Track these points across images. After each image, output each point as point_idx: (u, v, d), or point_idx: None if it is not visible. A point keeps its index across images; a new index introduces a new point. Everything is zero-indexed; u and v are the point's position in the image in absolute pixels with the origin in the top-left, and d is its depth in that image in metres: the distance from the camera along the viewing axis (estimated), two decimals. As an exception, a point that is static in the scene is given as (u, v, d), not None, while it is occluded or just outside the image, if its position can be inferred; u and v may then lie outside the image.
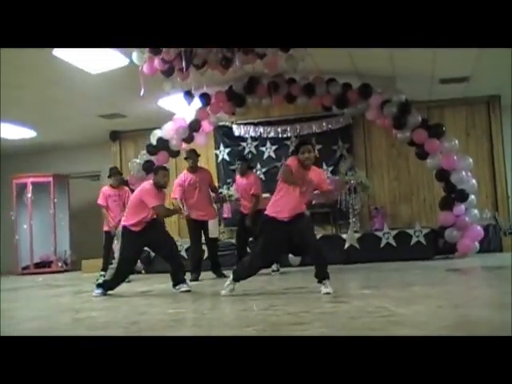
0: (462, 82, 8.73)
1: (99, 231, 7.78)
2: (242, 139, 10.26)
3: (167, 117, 8.69)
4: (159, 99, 8.68)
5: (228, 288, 4.89)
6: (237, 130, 10.21)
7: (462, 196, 7.69)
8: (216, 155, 10.44)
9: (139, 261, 8.37)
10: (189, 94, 7.91)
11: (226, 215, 9.05)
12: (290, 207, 4.72)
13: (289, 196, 4.74)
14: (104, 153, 11.12)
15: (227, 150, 10.28)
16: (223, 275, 6.83)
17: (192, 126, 8.45)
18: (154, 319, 3.91)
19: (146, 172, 8.15)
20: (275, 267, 7.27)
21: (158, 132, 8.48)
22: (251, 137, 10.19)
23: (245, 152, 10.03)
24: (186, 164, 7.32)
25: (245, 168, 7.30)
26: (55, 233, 11.19)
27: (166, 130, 8.42)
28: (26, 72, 7.05)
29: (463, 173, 7.78)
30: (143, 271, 8.45)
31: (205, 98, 8.33)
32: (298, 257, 7.39)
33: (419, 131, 7.79)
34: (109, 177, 7.64)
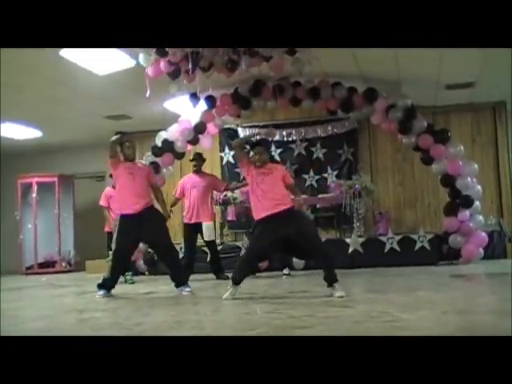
0: (468, 88, 8.71)
1: (103, 232, 7.80)
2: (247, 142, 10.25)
3: (172, 119, 8.70)
4: (165, 101, 8.69)
5: (229, 291, 4.90)
6: (242, 133, 10.22)
7: (467, 202, 7.66)
8: (221, 158, 10.47)
9: (143, 262, 8.42)
10: (194, 97, 7.91)
11: (231, 218, 9.05)
12: (264, 207, 4.85)
13: (254, 197, 4.97)
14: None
15: (232, 153, 10.28)
16: (226, 277, 6.84)
17: (197, 128, 8.45)
18: (158, 321, 3.91)
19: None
20: (286, 271, 7.30)
21: (164, 134, 8.48)
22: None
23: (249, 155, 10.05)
24: (191, 166, 7.49)
25: None
26: (59, 233, 11.21)
27: (172, 132, 8.43)
28: (32, 72, 7.06)
29: (468, 179, 7.75)
30: (147, 272, 8.45)
31: (210, 101, 8.33)
32: (302, 260, 7.39)
33: (424, 136, 7.78)
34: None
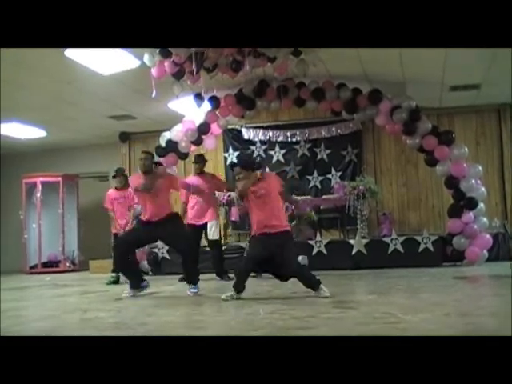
0: (473, 90, 8.70)
1: (107, 232, 7.81)
2: (251, 143, 10.28)
3: (177, 119, 8.72)
4: (169, 101, 8.71)
5: (230, 294, 4.91)
6: (246, 134, 10.24)
7: (471, 204, 7.65)
8: (225, 158, 10.47)
9: (146, 262, 8.43)
10: (198, 97, 7.93)
11: (234, 218, 9.05)
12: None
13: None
14: (113, 154, 11.17)
15: (236, 154, 10.29)
16: (228, 278, 6.84)
17: (201, 129, 8.46)
18: (162, 321, 3.92)
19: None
20: None
21: (168, 134, 8.51)
22: (260, 140, 10.21)
23: (254, 155, 10.07)
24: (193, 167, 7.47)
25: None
26: (63, 232, 11.21)
27: (175, 132, 8.45)
28: (38, 72, 7.09)
29: (473, 180, 7.74)
30: (150, 273, 8.46)
31: (214, 101, 8.35)
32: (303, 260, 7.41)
33: (429, 138, 7.77)
34: (113, 177, 7.62)
